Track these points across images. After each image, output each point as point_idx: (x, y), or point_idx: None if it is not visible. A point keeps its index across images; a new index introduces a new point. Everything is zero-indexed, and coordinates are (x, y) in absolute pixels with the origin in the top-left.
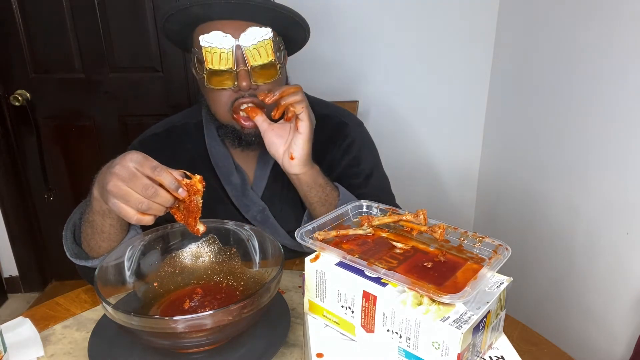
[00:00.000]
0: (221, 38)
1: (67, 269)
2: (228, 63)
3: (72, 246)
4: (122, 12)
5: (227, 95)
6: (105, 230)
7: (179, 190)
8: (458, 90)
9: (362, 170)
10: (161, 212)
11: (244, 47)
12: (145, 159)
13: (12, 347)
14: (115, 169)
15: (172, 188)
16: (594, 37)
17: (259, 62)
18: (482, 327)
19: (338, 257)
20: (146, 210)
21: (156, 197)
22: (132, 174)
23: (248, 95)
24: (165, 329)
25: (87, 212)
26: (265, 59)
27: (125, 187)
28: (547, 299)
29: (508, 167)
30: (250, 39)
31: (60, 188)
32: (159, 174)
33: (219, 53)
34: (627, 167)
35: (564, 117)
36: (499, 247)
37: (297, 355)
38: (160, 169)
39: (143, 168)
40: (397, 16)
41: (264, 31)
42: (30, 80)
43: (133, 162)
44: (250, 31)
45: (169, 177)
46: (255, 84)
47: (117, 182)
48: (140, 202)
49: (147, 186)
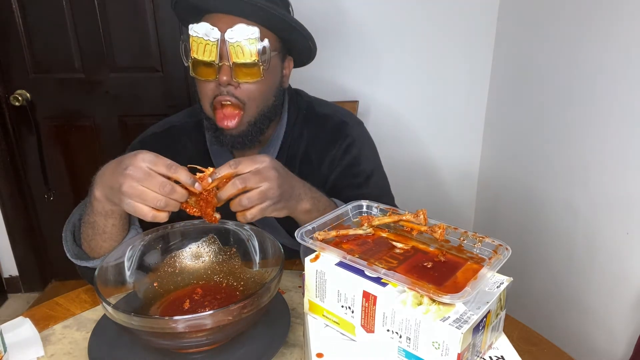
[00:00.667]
0: (208, 30)
1: (67, 269)
2: (211, 55)
3: (72, 247)
4: (122, 12)
5: (210, 88)
6: (107, 230)
7: (195, 185)
8: (458, 90)
9: (362, 170)
10: (177, 207)
11: (228, 43)
12: (157, 157)
13: (12, 347)
14: (129, 171)
15: (189, 183)
16: (594, 36)
17: (241, 60)
18: (482, 327)
19: (338, 257)
20: (163, 207)
21: (173, 193)
22: (147, 173)
23: (227, 93)
24: (165, 329)
25: (87, 213)
26: (248, 57)
27: (141, 187)
28: (547, 299)
29: (508, 167)
30: (236, 35)
31: (60, 188)
32: (174, 171)
33: (204, 44)
34: (627, 167)
35: (564, 117)
36: (499, 247)
37: (297, 355)
38: (175, 167)
39: (157, 167)
40: (397, 16)
41: (251, 30)
42: (30, 80)
43: (146, 162)
44: (237, 28)
45: (184, 173)
46: (236, 81)
47: (132, 182)
48: (157, 200)
49: (164, 184)
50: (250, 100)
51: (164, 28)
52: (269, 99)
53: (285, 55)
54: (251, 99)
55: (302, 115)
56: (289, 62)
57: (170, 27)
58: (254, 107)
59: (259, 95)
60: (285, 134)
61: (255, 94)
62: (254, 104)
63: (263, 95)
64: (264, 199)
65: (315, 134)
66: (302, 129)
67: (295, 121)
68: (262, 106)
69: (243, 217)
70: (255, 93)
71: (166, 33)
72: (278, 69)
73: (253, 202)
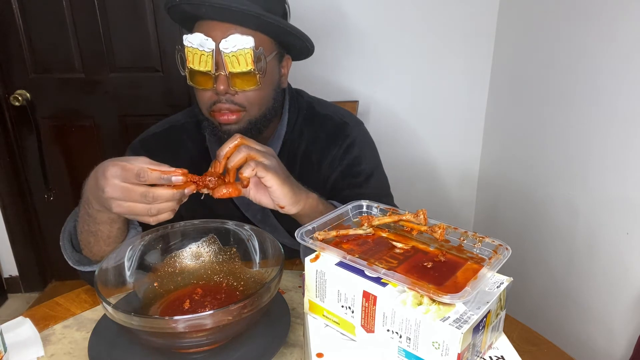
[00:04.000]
0: (202, 40)
1: (67, 269)
2: (207, 66)
3: (72, 255)
4: (122, 12)
5: (208, 96)
6: (112, 235)
7: (173, 179)
8: (458, 90)
9: (362, 170)
10: (174, 206)
11: (223, 53)
12: (124, 169)
13: (12, 347)
14: (107, 193)
15: (165, 183)
16: (594, 36)
17: (237, 70)
18: (482, 327)
19: (338, 257)
20: (157, 213)
21: (157, 199)
22: (124, 189)
23: (225, 101)
24: (165, 329)
25: (85, 223)
26: (244, 67)
27: (127, 204)
28: (547, 299)
29: (508, 167)
30: (231, 45)
31: (60, 188)
32: (144, 178)
33: (200, 55)
34: (627, 167)
35: (564, 117)
36: (499, 247)
37: (297, 355)
38: (143, 173)
39: (128, 179)
40: (397, 16)
41: (245, 40)
42: (30, 80)
43: (116, 177)
44: (231, 38)
45: (154, 174)
46: (233, 90)
47: (117, 202)
48: (147, 209)
49: (144, 194)
50: (250, 105)
51: (164, 28)
52: (269, 102)
53: (283, 55)
54: (251, 104)
55: (303, 115)
56: (287, 61)
57: (170, 27)
58: (256, 110)
59: (259, 100)
60: (286, 134)
61: (255, 99)
62: (256, 107)
63: (262, 100)
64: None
65: (315, 134)
66: (303, 129)
67: (296, 121)
68: (264, 108)
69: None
70: (254, 99)
71: (166, 33)
72: (275, 71)
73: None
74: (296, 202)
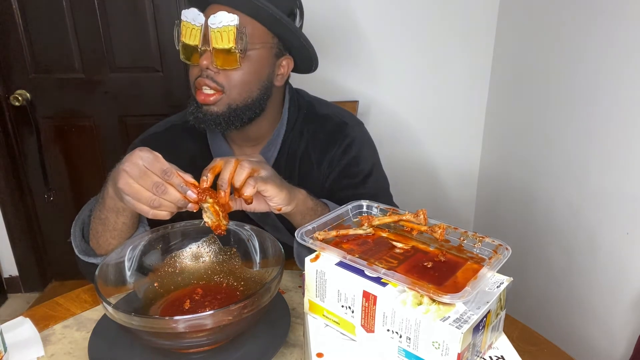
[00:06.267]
0: (195, 15)
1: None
2: (195, 40)
3: (80, 243)
4: (122, 12)
5: (195, 72)
6: (117, 227)
7: (188, 192)
8: (458, 90)
9: (361, 169)
10: (173, 209)
11: (210, 28)
12: (155, 159)
13: (12, 347)
14: (125, 166)
15: (181, 190)
16: (594, 36)
17: (220, 46)
18: (482, 327)
19: (338, 257)
20: (158, 207)
21: (166, 194)
22: (142, 171)
23: (207, 77)
24: (166, 329)
25: (98, 209)
26: (226, 44)
27: (137, 185)
28: (547, 299)
29: (508, 167)
30: (217, 21)
31: (60, 188)
32: (168, 178)
33: (191, 29)
34: (627, 167)
35: (564, 117)
36: (499, 247)
37: (297, 355)
38: (169, 172)
39: (153, 168)
40: (397, 16)
41: (231, 17)
42: (30, 80)
43: (143, 160)
44: (219, 14)
45: (178, 179)
46: (215, 68)
47: (128, 179)
48: (151, 199)
49: (157, 184)
50: (230, 87)
51: (164, 28)
52: (253, 91)
53: (283, 54)
54: (231, 85)
55: (303, 115)
56: (287, 62)
57: (170, 27)
58: (235, 93)
59: (239, 84)
60: (285, 133)
61: (235, 81)
62: (235, 91)
63: (244, 85)
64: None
65: (315, 133)
66: (303, 128)
67: (296, 121)
68: (245, 95)
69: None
70: (235, 80)
71: (166, 33)
72: (265, 62)
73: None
74: (291, 201)
